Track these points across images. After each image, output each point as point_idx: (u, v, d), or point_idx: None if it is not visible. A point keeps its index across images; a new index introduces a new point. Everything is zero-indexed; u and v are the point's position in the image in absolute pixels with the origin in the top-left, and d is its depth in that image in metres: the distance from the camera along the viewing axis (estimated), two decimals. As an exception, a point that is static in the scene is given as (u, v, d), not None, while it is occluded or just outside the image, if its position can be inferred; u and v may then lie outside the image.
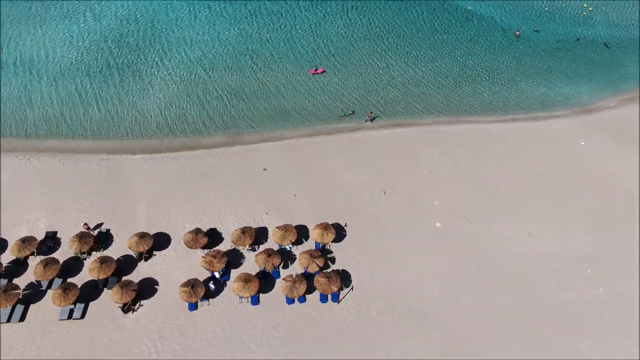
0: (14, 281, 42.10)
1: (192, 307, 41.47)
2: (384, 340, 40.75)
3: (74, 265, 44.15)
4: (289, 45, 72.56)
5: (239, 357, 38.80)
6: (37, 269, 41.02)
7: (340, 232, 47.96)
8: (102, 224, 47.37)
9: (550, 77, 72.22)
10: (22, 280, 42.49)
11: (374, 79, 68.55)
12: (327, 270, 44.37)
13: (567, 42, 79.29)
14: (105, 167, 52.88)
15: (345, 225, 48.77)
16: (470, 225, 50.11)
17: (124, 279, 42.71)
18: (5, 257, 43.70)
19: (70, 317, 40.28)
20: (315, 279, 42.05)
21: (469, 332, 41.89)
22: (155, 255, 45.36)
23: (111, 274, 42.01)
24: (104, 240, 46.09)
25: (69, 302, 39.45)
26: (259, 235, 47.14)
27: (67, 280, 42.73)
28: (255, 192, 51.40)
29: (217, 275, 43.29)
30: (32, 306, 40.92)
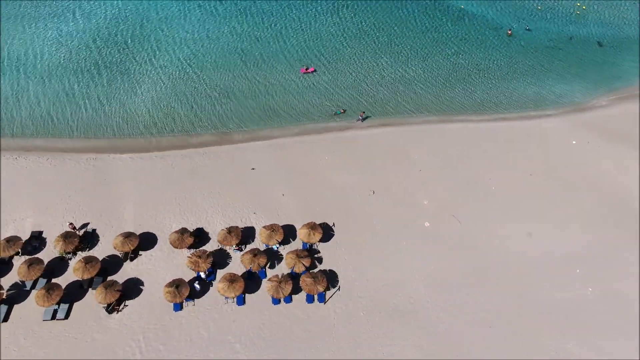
0: (-2, 281, 41.71)
1: (177, 307, 41.18)
2: (370, 340, 40.52)
3: (59, 265, 43.78)
4: (280, 44, 72.18)
5: (223, 357, 38.55)
6: (21, 269, 40.69)
7: (328, 232, 47.66)
8: (88, 223, 46.99)
9: (542, 75, 72.04)
10: (6, 280, 42.08)
11: (365, 78, 68.24)
12: (314, 270, 44.08)
13: (560, 41, 79.06)
14: (92, 167, 52.48)
15: (333, 225, 48.49)
16: (459, 224, 49.87)
17: (110, 279, 42.35)
18: (-11, 257, 43.31)
19: (54, 317, 39.96)
20: (301, 279, 41.78)
21: (457, 333, 41.69)
22: (141, 255, 45.02)
23: (96, 274, 41.70)
24: (90, 240, 45.72)
25: (52, 302, 39.14)
26: (246, 235, 46.83)
27: (52, 280, 42.41)
28: (243, 191, 51.07)
29: (202, 275, 42.96)
30: (16, 306, 40.56)
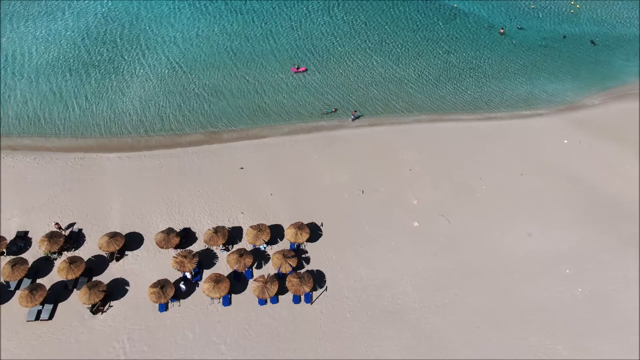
0: (-18, 282, 41.47)
1: (163, 308, 40.92)
2: (356, 341, 40.34)
3: (44, 265, 43.50)
4: (271, 43, 71.73)
5: (208, 358, 38.28)
6: (5, 269, 40.43)
7: (316, 232, 47.41)
8: (74, 223, 46.67)
9: (534, 74, 71.74)
10: (-9, 281, 41.86)
11: (356, 77, 67.86)
12: (301, 270, 43.82)
13: (553, 40, 78.73)
14: (80, 166, 52.10)
15: (321, 224, 48.22)
16: (448, 224, 49.61)
17: (95, 279, 42.07)
18: (-26, 258, 43.06)
19: (38, 318, 39.76)
20: (287, 279, 41.55)
21: (444, 333, 41.52)
22: (127, 255, 44.73)
23: (81, 274, 41.47)
24: (76, 240, 45.41)
25: (36, 303, 38.92)
26: (233, 235, 46.55)
27: (37, 280, 42.14)
28: (231, 191, 50.75)
29: (188, 275, 42.67)
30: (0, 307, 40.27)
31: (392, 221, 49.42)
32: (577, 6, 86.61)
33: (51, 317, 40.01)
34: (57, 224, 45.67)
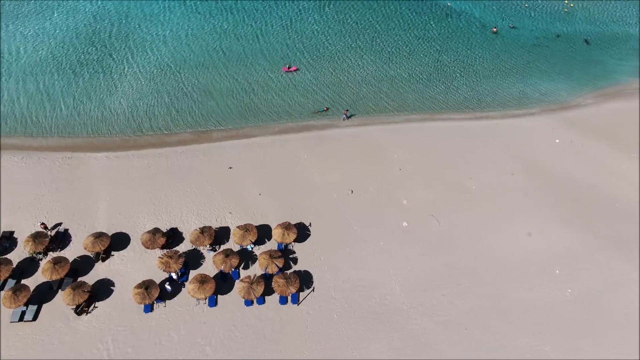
0: (-34, 282, 41.08)
1: (148, 308, 40.59)
2: (343, 342, 40.04)
3: (29, 266, 43.11)
4: (262, 42, 71.44)
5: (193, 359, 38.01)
6: (-11, 270, 40.03)
7: (304, 232, 47.11)
8: (60, 223, 46.30)
9: (527, 74, 71.52)
10: (-25, 281, 41.46)
11: (348, 76, 67.61)
12: (288, 271, 43.50)
13: (547, 39, 78.57)
14: (67, 166, 51.73)
15: (309, 224, 47.90)
16: (438, 224, 49.32)
17: (80, 279, 41.72)
18: (-43, 258, 42.61)
19: (21, 319, 39.39)
20: (273, 280, 41.23)
21: (431, 334, 41.23)
22: (113, 255, 44.38)
23: (66, 274, 41.12)
24: (62, 240, 45.02)
25: (19, 303, 38.58)
26: (221, 235, 46.23)
27: (22, 281, 41.73)
28: (219, 190, 50.43)
29: (174, 276, 42.34)
30: (-16, 308, 40.00)
31: (381, 221, 49.12)
32: (571, 5, 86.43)
33: (35, 318, 39.63)
34: (43, 224, 45.33)
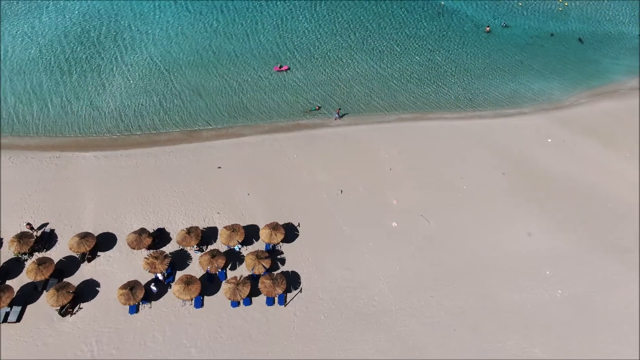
0: (-51, 283, 40.65)
1: (133, 310, 40.21)
2: (329, 343, 39.71)
3: (14, 266, 42.70)
4: (253, 41, 71.00)
5: (177, 361, 37.69)
6: (-27, 271, 39.66)
7: (292, 232, 46.76)
8: (47, 224, 45.89)
9: (520, 72, 71.23)
10: (-42, 282, 41.08)
11: (339, 75, 67.25)
12: (276, 271, 43.15)
13: (541, 38, 78.28)
14: (55, 165, 51.32)
15: (298, 225, 47.54)
16: (427, 224, 48.99)
17: (66, 280, 41.35)
18: (-59, 259, 42.29)
19: (5, 320, 38.98)
20: (260, 280, 40.87)
21: (419, 336, 40.91)
22: (99, 256, 43.99)
23: (51, 275, 40.74)
24: (48, 240, 44.61)
25: (3, 305, 38.23)
26: (208, 235, 45.87)
27: (6, 282, 41.32)
28: (208, 190, 50.05)
29: (160, 277, 41.98)
30: (-33, 309, 39.61)
31: (370, 221, 48.78)
32: (566, 4, 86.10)
33: (19, 319, 39.21)
34: (28, 224, 44.94)
